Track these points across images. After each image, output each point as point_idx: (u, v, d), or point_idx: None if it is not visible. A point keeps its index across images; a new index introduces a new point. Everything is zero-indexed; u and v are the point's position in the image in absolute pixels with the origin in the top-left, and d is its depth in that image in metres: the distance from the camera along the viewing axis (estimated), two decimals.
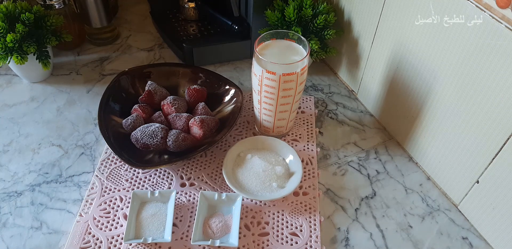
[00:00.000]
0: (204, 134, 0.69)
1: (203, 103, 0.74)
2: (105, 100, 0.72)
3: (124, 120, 0.70)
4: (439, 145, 0.66)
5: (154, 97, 0.74)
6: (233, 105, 0.74)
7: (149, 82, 0.76)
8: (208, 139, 0.69)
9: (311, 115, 0.79)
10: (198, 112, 0.73)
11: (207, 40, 0.90)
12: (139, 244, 0.60)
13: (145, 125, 0.68)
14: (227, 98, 0.76)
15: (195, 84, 0.78)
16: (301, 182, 0.67)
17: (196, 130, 0.69)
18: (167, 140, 0.67)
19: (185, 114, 0.71)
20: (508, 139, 0.53)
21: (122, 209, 0.64)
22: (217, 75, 0.79)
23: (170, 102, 0.72)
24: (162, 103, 0.74)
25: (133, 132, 0.68)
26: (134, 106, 0.73)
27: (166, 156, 0.69)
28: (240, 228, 0.62)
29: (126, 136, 0.69)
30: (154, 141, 0.67)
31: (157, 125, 0.68)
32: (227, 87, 0.77)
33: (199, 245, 0.60)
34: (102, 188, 0.67)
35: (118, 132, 0.69)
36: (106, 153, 0.72)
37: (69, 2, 0.86)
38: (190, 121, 0.70)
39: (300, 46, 0.65)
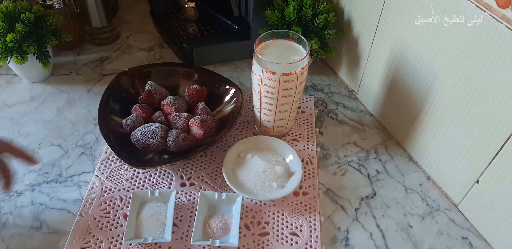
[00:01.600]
0: (204, 133, 0.69)
1: (203, 103, 0.74)
2: (105, 100, 0.72)
3: (124, 120, 0.70)
4: (439, 145, 0.66)
5: (154, 97, 0.74)
6: (233, 105, 0.74)
7: (149, 82, 0.76)
8: (208, 139, 0.69)
9: (311, 115, 0.79)
10: (198, 112, 0.73)
11: (207, 40, 0.90)
12: (139, 244, 0.60)
13: (145, 125, 0.68)
14: (227, 98, 0.76)
15: (195, 84, 0.78)
16: (301, 182, 0.67)
17: (196, 130, 0.69)
18: (167, 139, 0.67)
19: (185, 114, 0.71)
20: (508, 138, 0.53)
21: (122, 209, 0.64)
22: (217, 75, 0.79)
23: (170, 102, 0.72)
24: (162, 103, 0.74)
25: (133, 132, 0.68)
26: (134, 106, 0.73)
27: (166, 156, 0.69)
28: (240, 228, 0.62)
29: (126, 136, 0.69)
30: (154, 140, 0.66)
31: (157, 124, 0.68)
32: (227, 87, 0.77)
33: (199, 245, 0.60)
34: (102, 188, 0.67)
35: (118, 131, 0.69)
36: (106, 152, 0.72)
37: (69, 2, 0.86)
38: (190, 121, 0.70)
39: (300, 46, 0.65)
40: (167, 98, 0.73)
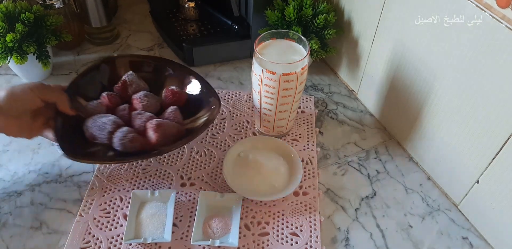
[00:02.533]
0: (158, 139, 0.63)
1: (175, 107, 0.68)
2: (80, 78, 0.67)
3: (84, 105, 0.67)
4: (439, 145, 0.66)
5: (127, 89, 0.70)
6: (205, 118, 0.67)
7: (129, 72, 0.71)
8: (164, 147, 0.63)
9: (311, 115, 0.79)
10: (165, 116, 0.67)
11: (207, 40, 0.90)
12: (139, 244, 0.60)
13: (101, 115, 0.64)
14: (205, 109, 0.69)
15: (179, 86, 0.72)
16: (301, 182, 0.67)
17: (151, 134, 0.63)
18: (113, 136, 0.62)
19: (148, 114, 0.66)
20: (508, 138, 0.53)
21: (122, 209, 0.64)
22: (206, 83, 0.72)
23: (140, 98, 0.68)
24: (132, 97, 0.70)
25: (86, 119, 0.64)
26: (102, 93, 0.69)
27: (111, 153, 0.63)
28: (240, 228, 0.62)
29: (82, 122, 0.65)
30: (101, 133, 0.62)
31: (112, 117, 0.64)
32: (211, 98, 0.69)
33: (199, 245, 0.60)
34: (102, 188, 0.67)
35: (77, 115, 0.65)
36: None
37: (69, 2, 0.86)
38: (147, 123, 0.65)
39: (300, 46, 0.65)
40: (138, 93, 0.69)
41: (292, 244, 0.61)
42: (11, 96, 0.59)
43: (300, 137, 0.75)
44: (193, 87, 0.73)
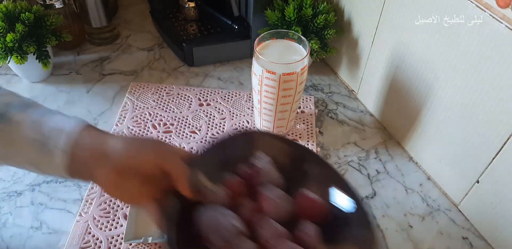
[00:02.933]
0: None
1: (316, 228, 0.47)
2: (212, 151, 0.50)
3: None
4: (439, 145, 0.66)
5: (256, 179, 0.51)
6: None
7: (266, 158, 0.51)
8: None
9: (311, 115, 0.79)
10: (300, 236, 0.47)
11: (207, 40, 0.90)
12: (139, 244, 0.60)
13: (221, 209, 0.47)
14: (351, 238, 0.47)
15: (323, 193, 0.50)
16: None
17: None
18: None
19: (278, 228, 0.46)
20: (509, 138, 0.53)
21: (122, 208, 0.64)
22: (358, 199, 0.49)
23: (273, 199, 0.48)
24: (263, 193, 0.49)
25: (202, 209, 0.47)
26: (227, 176, 0.51)
27: None
28: None
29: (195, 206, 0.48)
30: (215, 238, 0.45)
31: (236, 221, 0.46)
32: (364, 229, 0.47)
33: None
34: None
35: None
36: None
37: (69, 2, 0.86)
38: (276, 245, 0.45)
39: (300, 46, 0.65)
40: (271, 190, 0.49)
41: None
42: (128, 150, 0.46)
43: (300, 137, 0.75)
44: (340, 201, 0.50)
